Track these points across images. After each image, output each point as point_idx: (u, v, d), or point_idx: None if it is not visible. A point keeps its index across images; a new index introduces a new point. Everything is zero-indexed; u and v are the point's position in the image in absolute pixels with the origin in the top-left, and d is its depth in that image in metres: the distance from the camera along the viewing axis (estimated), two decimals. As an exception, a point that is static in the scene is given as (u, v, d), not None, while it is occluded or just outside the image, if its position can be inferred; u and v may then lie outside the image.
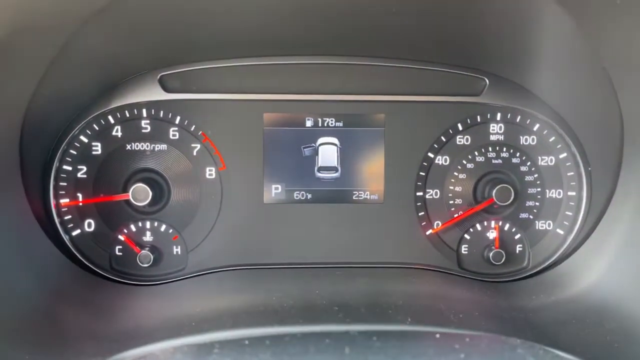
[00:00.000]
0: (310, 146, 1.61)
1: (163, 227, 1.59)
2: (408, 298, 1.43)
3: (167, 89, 1.56)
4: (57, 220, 1.55)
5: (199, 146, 1.58)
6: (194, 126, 1.58)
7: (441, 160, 1.63)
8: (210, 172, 1.59)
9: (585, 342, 1.21)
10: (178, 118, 1.58)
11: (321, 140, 1.61)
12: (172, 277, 1.59)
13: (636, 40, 1.12)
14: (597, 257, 1.51)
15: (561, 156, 1.63)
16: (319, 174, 1.62)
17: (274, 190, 1.61)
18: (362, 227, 1.63)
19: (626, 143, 1.40)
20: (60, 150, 1.54)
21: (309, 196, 1.62)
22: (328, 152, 1.61)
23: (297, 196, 1.61)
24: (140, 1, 1.16)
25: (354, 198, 1.62)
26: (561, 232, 1.65)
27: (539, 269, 1.65)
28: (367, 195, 1.63)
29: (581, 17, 1.17)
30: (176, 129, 1.58)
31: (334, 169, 1.62)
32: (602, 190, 1.54)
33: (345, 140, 1.61)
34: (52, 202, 1.54)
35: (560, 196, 1.64)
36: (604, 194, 1.53)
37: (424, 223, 1.64)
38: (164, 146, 1.58)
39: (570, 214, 1.64)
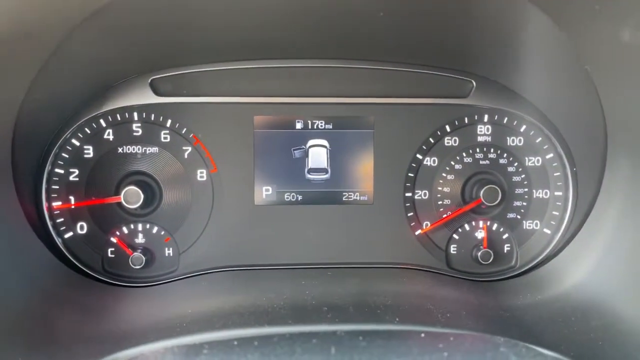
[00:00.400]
0: (300, 148, 1.63)
1: (155, 229, 1.61)
2: (397, 298, 1.45)
3: (158, 93, 1.58)
4: (49, 223, 1.56)
5: (190, 149, 1.60)
6: (185, 129, 1.60)
7: (429, 161, 1.65)
8: (202, 175, 1.61)
9: (571, 340, 1.24)
10: (169, 121, 1.59)
11: (311, 142, 1.63)
12: (164, 278, 1.60)
13: (616, 43, 1.15)
14: (583, 256, 1.53)
15: (548, 157, 1.66)
16: (309, 176, 1.64)
17: (265, 192, 1.63)
18: (352, 228, 1.65)
19: (609, 143, 1.43)
20: (52, 154, 1.55)
21: (300, 197, 1.64)
22: (318, 154, 1.63)
23: (287, 198, 1.63)
24: (130, 6, 1.18)
25: (343, 199, 1.64)
26: (548, 231, 1.67)
27: (526, 268, 1.67)
28: (356, 196, 1.65)
29: (564, 21, 1.19)
30: (167, 132, 1.59)
31: (324, 170, 1.64)
32: (588, 190, 1.56)
33: (334, 142, 1.63)
34: (45, 205, 1.55)
35: (547, 196, 1.67)
36: (589, 193, 1.55)
37: (413, 223, 1.66)
38: (155, 149, 1.60)
39: (557, 213, 1.66)
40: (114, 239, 1.59)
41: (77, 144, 1.57)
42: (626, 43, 1.07)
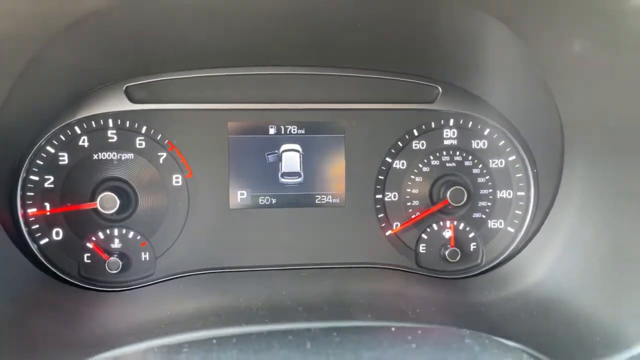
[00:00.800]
0: (274, 153, 1.67)
1: (131, 234, 1.63)
2: (369, 296, 1.51)
3: (133, 100, 1.60)
4: (24, 230, 1.57)
5: (165, 154, 1.62)
6: (160, 135, 1.62)
7: (399, 164, 1.72)
8: (177, 180, 1.63)
9: (532, 333, 1.31)
10: (144, 128, 1.62)
11: (284, 147, 1.67)
12: (141, 282, 1.63)
13: (569, 52, 1.23)
14: (544, 254, 1.61)
15: (510, 159, 1.74)
16: (282, 180, 1.68)
17: (240, 196, 1.67)
18: (325, 230, 1.70)
19: (566, 146, 1.51)
20: (27, 161, 1.56)
21: (274, 201, 1.68)
22: (291, 159, 1.67)
23: (262, 201, 1.68)
24: (108, 17, 1.20)
25: (316, 202, 1.69)
26: (512, 230, 1.75)
27: (491, 265, 1.75)
28: (329, 199, 1.70)
29: (522, 32, 1.27)
30: (142, 138, 1.62)
31: (297, 174, 1.68)
32: (548, 190, 1.65)
33: (307, 147, 1.68)
34: (20, 211, 1.56)
35: (510, 196, 1.75)
36: (549, 193, 1.64)
37: (384, 224, 1.72)
38: (130, 155, 1.62)
39: (519, 212, 1.74)
40: (90, 245, 1.61)
41: (52, 151, 1.58)
42: (577, 53, 1.15)
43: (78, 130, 1.59)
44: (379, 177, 1.71)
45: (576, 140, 1.46)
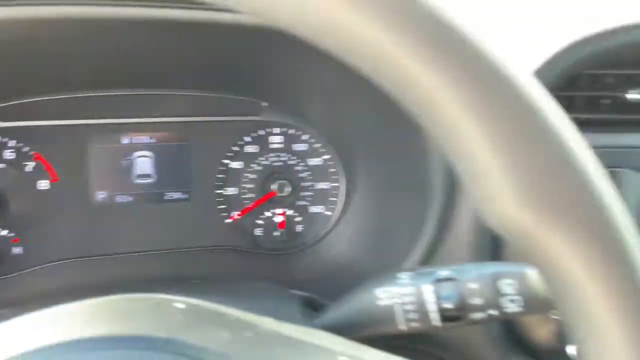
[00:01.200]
0: (129, 159, 2.01)
1: (4, 232, 1.90)
2: (207, 269, 1.91)
3: (1, 119, 1.88)
4: None
5: (32, 163, 1.91)
6: (27, 148, 1.90)
7: (236, 165, 2.11)
8: (44, 185, 1.92)
9: (325, 284, 1.78)
10: (13, 142, 1.89)
11: (137, 153, 2.01)
12: (15, 272, 1.89)
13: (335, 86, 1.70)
14: (348, 230, 2.11)
15: (325, 157, 2.19)
16: (137, 181, 2.02)
17: (100, 196, 1.99)
18: (175, 221, 2.04)
19: (358, 149, 2.01)
20: None
21: (130, 199, 2.01)
22: (143, 163, 2.02)
23: (119, 199, 2.00)
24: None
25: (165, 198, 2.05)
26: (329, 213, 2.20)
27: (314, 241, 2.19)
28: (177, 195, 2.06)
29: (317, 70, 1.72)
30: (12, 150, 1.89)
31: (149, 176, 2.03)
32: (353, 182, 2.13)
33: (157, 153, 2.03)
34: None
35: (327, 187, 2.20)
36: (354, 184, 2.13)
37: (225, 214, 2.12)
38: (2, 165, 1.88)
39: (334, 199, 2.20)
40: (-35, 243, 1.87)
41: None
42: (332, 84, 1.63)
43: None
44: (220, 175, 2.10)
45: (358, 143, 1.96)
